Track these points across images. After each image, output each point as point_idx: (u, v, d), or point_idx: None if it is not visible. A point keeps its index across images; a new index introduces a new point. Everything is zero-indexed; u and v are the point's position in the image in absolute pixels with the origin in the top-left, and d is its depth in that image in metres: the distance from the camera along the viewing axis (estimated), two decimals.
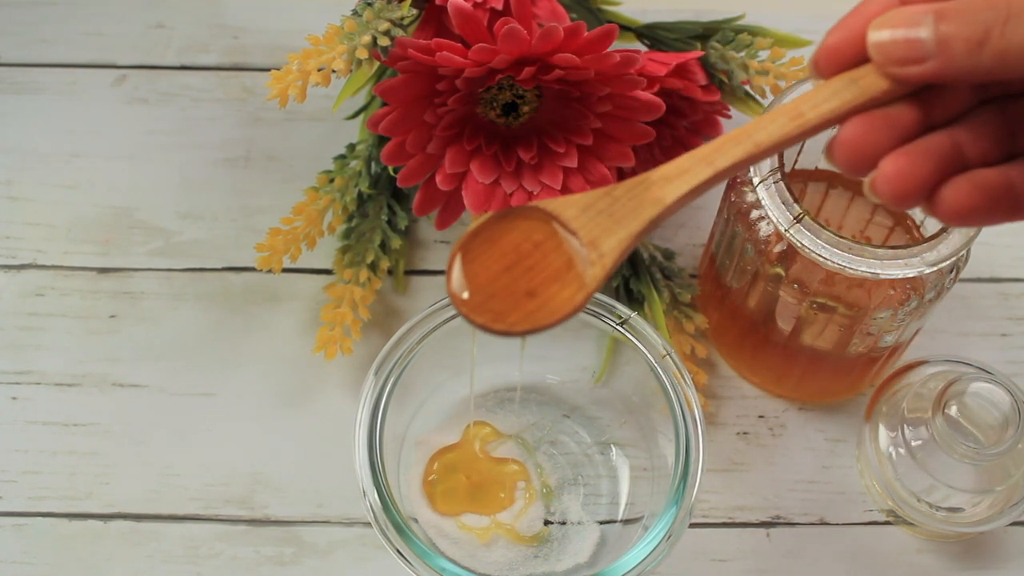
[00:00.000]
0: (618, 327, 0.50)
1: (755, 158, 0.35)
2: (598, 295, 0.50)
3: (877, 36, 0.33)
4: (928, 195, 0.34)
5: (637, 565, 0.45)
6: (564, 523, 0.53)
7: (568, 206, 0.36)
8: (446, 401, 0.55)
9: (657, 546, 0.45)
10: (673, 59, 0.53)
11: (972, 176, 0.34)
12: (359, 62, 0.49)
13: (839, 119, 0.34)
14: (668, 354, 0.49)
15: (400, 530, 0.45)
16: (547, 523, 0.53)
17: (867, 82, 0.34)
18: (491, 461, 0.54)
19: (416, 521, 0.52)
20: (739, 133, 0.35)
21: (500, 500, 0.53)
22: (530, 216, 0.37)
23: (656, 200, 0.36)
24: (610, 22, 0.50)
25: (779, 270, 0.50)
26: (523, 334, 0.36)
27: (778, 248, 0.50)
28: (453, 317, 0.49)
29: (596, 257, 0.36)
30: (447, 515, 0.52)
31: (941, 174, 0.34)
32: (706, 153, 0.35)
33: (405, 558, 0.45)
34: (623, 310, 0.50)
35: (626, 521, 0.53)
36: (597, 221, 0.36)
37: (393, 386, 0.48)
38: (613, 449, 0.55)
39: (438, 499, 0.53)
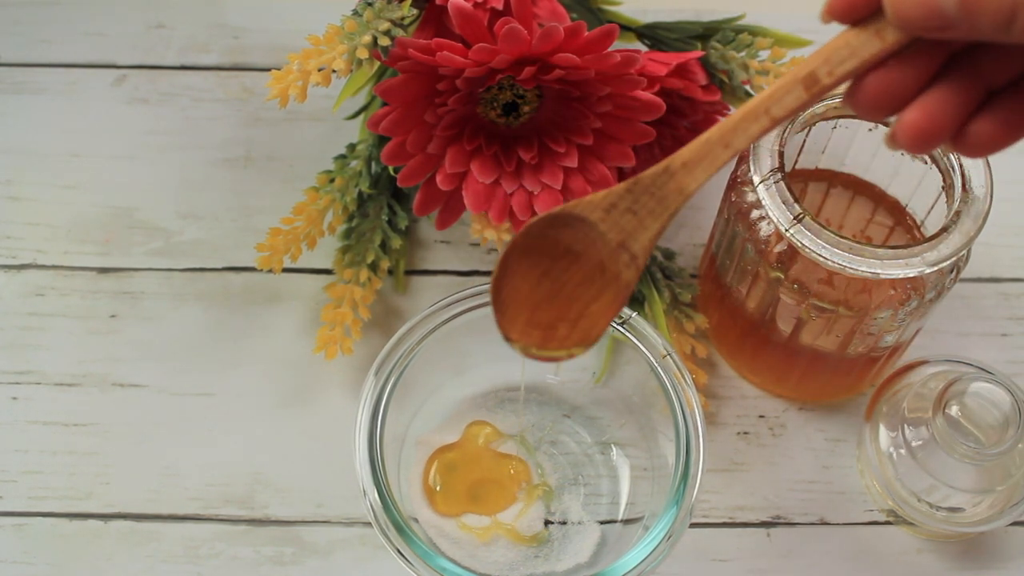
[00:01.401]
0: (618, 327, 0.50)
1: (770, 130, 0.35)
2: None
3: (896, 3, 0.32)
4: (951, 137, 0.33)
5: (637, 565, 0.45)
6: (564, 523, 0.53)
7: (593, 209, 0.36)
8: (446, 401, 0.55)
9: (657, 546, 0.45)
10: (673, 59, 0.53)
11: (995, 112, 0.33)
12: (359, 62, 0.49)
13: (857, 76, 0.33)
14: (668, 354, 0.49)
15: (400, 530, 0.45)
16: (547, 523, 0.53)
17: (884, 35, 0.33)
18: (494, 456, 0.54)
19: (416, 521, 0.52)
20: (755, 108, 0.35)
21: (500, 500, 0.53)
22: (556, 223, 0.37)
23: (679, 190, 0.36)
24: (610, 22, 0.50)
25: (779, 272, 0.50)
26: (572, 348, 0.37)
27: (778, 248, 0.49)
28: (453, 317, 0.49)
29: (629, 259, 0.36)
30: (447, 515, 0.52)
31: (962, 117, 0.33)
32: (723, 134, 0.35)
33: (405, 558, 0.45)
34: (623, 310, 0.50)
35: (626, 521, 0.53)
36: (622, 223, 0.36)
37: (393, 386, 0.48)
38: (613, 449, 0.55)
39: (438, 499, 0.53)
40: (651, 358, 0.49)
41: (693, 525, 0.55)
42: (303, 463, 0.56)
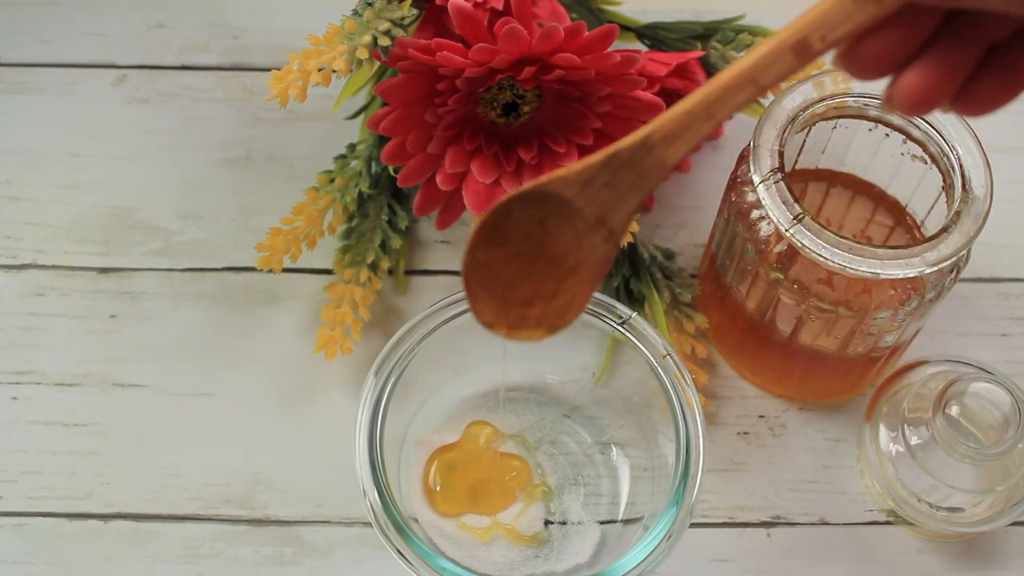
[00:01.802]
0: (618, 327, 0.50)
1: (756, 98, 0.33)
2: (598, 295, 0.50)
3: None
4: (951, 99, 0.32)
5: (637, 565, 0.45)
6: (564, 523, 0.53)
7: (567, 185, 0.35)
8: (446, 401, 0.55)
9: (657, 546, 0.45)
10: (673, 59, 0.53)
11: (995, 69, 0.32)
12: (359, 62, 0.49)
13: (851, 40, 0.31)
14: (668, 354, 0.49)
15: (400, 530, 0.45)
16: (547, 523, 0.53)
17: None
18: (494, 456, 0.54)
19: (416, 521, 0.52)
20: (740, 76, 0.33)
21: (500, 500, 0.53)
22: (526, 200, 0.36)
23: (658, 164, 0.34)
24: (610, 22, 0.50)
25: (779, 272, 0.50)
26: (549, 325, 0.36)
27: (778, 248, 0.49)
28: (453, 317, 0.49)
29: (607, 234, 0.35)
30: (447, 515, 0.52)
31: (962, 76, 0.32)
32: (706, 105, 0.33)
33: (405, 558, 0.45)
34: (623, 310, 0.50)
35: (626, 521, 0.53)
36: (600, 198, 0.35)
37: (393, 386, 0.48)
38: (613, 449, 0.55)
39: (438, 499, 0.53)
40: (651, 358, 0.49)
41: (693, 525, 0.55)
42: (303, 463, 0.56)
